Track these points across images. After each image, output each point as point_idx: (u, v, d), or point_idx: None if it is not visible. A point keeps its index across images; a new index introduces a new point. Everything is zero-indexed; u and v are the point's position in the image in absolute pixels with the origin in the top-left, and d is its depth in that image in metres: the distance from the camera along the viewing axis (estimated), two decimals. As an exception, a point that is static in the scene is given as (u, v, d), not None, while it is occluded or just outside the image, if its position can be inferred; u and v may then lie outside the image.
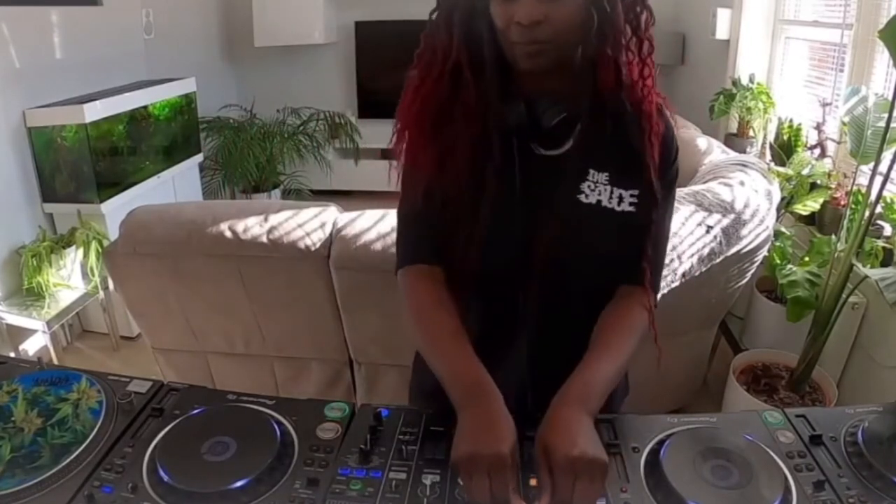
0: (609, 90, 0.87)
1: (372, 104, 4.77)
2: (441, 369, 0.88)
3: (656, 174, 0.89)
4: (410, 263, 0.96)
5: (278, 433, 0.90)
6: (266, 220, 1.84)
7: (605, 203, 0.91)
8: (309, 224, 1.85)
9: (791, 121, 2.88)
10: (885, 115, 1.72)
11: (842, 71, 2.64)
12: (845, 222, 2.01)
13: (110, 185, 2.93)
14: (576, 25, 0.82)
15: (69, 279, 2.74)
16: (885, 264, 2.02)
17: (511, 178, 0.89)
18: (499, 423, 0.79)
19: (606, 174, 0.91)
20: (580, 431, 0.78)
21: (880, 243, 2.03)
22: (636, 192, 0.91)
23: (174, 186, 3.51)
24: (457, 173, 0.89)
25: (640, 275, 0.94)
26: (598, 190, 0.91)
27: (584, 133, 0.90)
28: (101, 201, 2.83)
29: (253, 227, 1.82)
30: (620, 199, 0.91)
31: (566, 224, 0.90)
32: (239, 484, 0.81)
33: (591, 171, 0.91)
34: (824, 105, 2.65)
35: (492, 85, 0.87)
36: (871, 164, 1.81)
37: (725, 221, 1.86)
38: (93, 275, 2.74)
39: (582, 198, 0.90)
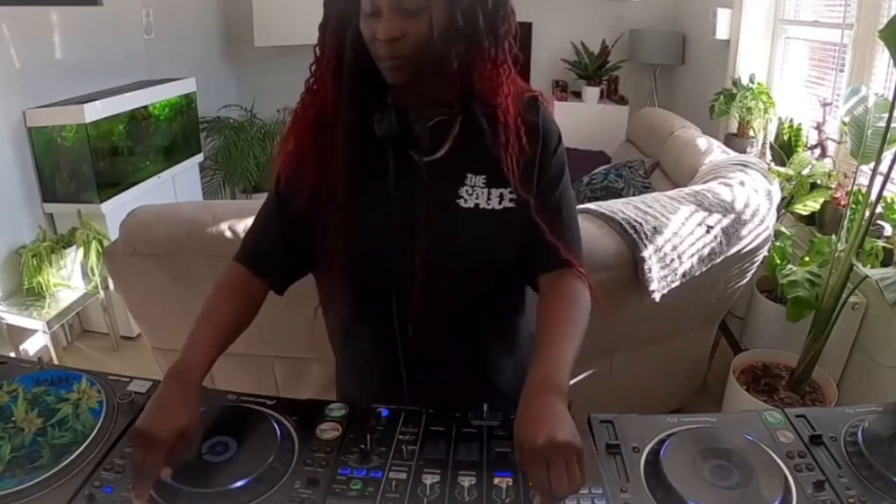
0: (471, 96, 0.90)
1: (372, 104, 4.76)
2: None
3: (516, 172, 0.91)
4: (235, 260, 1.03)
5: (278, 433, 0.90)
6: (266, 220, 1.84)
7: (483, 205, 0.92)
8: (309, 224, 1.85)
9: (791, 121, 2.88)
10: (885, 115, 1.72)
11: (842, 71, 2.64)
12: (845, 222, 2.01)
13: (110, 185, 2.93)
14: (434, 39, 0.83)
15: (69, 279, 2.74)
16: (885, 264, 2.02)
17: (385, 185, 0.91)
18: (177, 403, 0.83)
19: (484, 177, 0.92)
20: (547, 418, 0.78)
21: (880, 243, 2.03)
22: (513, 189, 0.92)
23: (174, 186, 3.51)
24: (333, 180, 0.91)
25: (556, 256, 0.95)
26: (475, 193, 0.92)
27: (457, 138, 0.93)
28: (101, 201, 2.83)
29: (253, 227, 1.82)
30: (501, 197, 0.93)
31: (446, 229, 0.92)
32: (239, 484, 0.81)
33: (469, 175, 0.93)
34: (824, 105, 2.65)
35: (353, 96, 0.89)
36: (872, 164, 1.81)
37: (725, 221, 1.86)
38: (93, 275, 2.74)
39: (461, 202, 0.92)
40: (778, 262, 2.15)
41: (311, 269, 1.04)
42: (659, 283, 1.73)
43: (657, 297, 1.74)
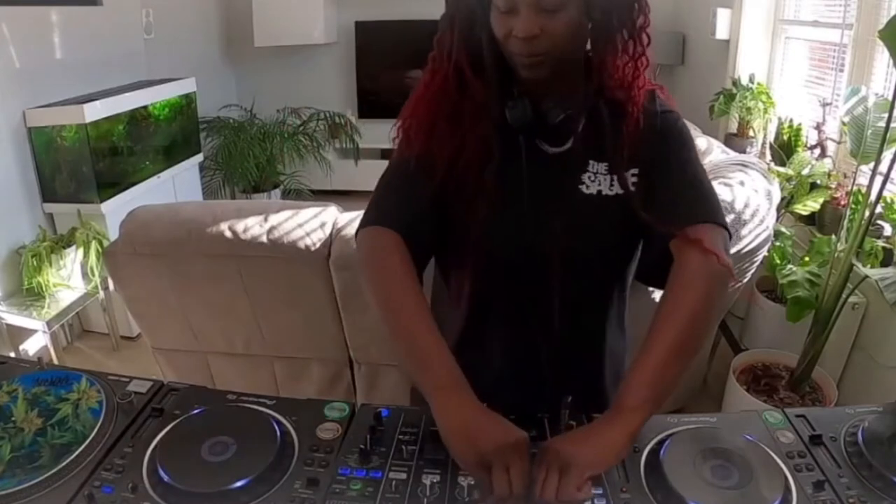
0: (604, 89, 0.90)
1: (372, 104, 4.77)
2: (409, 348, 0.85)
3: (627, 154, 0.91)
4: (379, 224, 0.92)
5: (278, 433, 0.90)
6: (266, 220, 1.84)
7: (605, 192, 0.93)
8: (309, 224, 1.85)
9: (791, 121, 2.88)
10: (885, 115, 1.72)
11: (842, 71, 2.64)
12: (845, 222, 2.01)
13: (110, 185, 2.93)
14: (572, 35, 0.84)
15: (69, 279, 2.74)
16: (885, 264, 2.02)
17: (518, 175, 0.92)
18: (492, 412, 0.80)
19: (606, 164, 0.93)
20: (578, 432, 0.81)
21: (880, 243, 2.03)
22: (636, 170, 0.93)
23: (174, 186, 3.51)
24: (467, 169, 0.91)
25: (680, 220, 0.89)
26: (597, 180, 0.93)
27: (585, 129, 0.93)
28: (101, 201, 2.83)
29: (253, 227, 1.82)
30: (624, 182, 0.93)
31: (571, 215, 0.93)
32: (239, 484, 0.81)
33: (591, 163, 0.94)
34: (824, 105, 2.65)
35: (491, 86, 0.90)
36: (871, 164, 1.81)
37: (725, 221, 1.86)
38: (93, 275, 2.74)
39: (583, 188, 0.93)
40: (778, 262, 2.15)
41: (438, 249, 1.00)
42: (659, 283, 1.73)
43: (657, 297, 1.74)
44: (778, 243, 2.18)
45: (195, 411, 0.95)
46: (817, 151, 2.63)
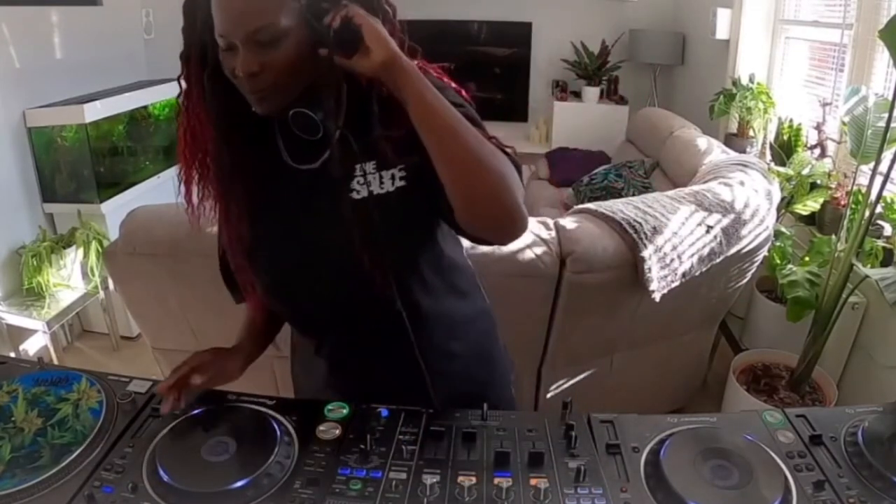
0: (373, 89, 0.86)
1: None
2: None
3: (399, 146, 0.86)
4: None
5: (278, 433, 0.90)
6: (266, 220, 1.84)
7: (376, 191, 0.89)
8: (309, 224, 1.85)
9: (791, 121, 2.88)
10: (885, 115, 1.72)
11: (842, 71, 2.64)
12: (845, 222, 2.01)
13: (110, 185, 2.93)
14: (298, 65, 0.81)
15: (69, 279, 2.74)
16: (885, 264, 2.02)
17: (281, 197, 0.94)
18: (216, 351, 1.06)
19: (374, 162, 0.89)
20: None
21: (880, 243, 2.03)
22: (403, 165, 0.89)
23: (174, 186, 3.46)
24: (238, 200, 0.95)
25: None
26: (367, 181, 0.89)
27: (341, 137, 0.87)
28: (101, 201, 2.83)
29: (253, 227, 1.82)
30: (393, 178, 0.89)
31: (349, 225, 0.89)
32: (239, 484, 0.81)
33: (357, 166, 0.89)
34: (824, 105, 2.65)
35: (225, 130, 0.89)
36: (871, 164, 1.81)
37: (725, 221, 1.86)
38: (93, 275, 2.74)
39: (354, 195, 0.89)
40: (778, 262, 2.15)
41: None
42: (659, 282, 1.74)
43: (657, 297, 1.74)
44: (778, 243, 2.18)
45: (195, 411, 0.95)
46: (817, 151, 2.63)
